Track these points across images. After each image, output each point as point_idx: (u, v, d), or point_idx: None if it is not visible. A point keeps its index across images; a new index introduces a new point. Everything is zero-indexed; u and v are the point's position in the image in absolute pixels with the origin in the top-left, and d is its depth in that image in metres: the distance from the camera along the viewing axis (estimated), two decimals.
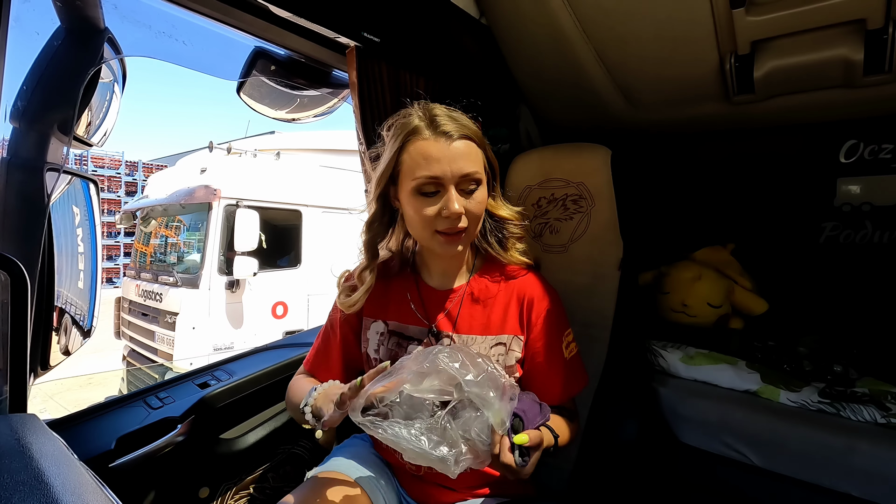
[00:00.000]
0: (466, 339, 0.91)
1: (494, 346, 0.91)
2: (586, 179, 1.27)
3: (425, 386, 0.67)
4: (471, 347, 0.89)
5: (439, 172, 0.80)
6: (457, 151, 0.81)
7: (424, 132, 0.82)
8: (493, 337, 0.91)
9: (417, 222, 0.84)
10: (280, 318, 4.95)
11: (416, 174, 0.81)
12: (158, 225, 5.23)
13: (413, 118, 0.84)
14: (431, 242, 0.85)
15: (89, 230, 1.11)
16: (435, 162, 0.80)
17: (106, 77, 1.02)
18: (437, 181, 0.80)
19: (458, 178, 0.81)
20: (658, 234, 1.81)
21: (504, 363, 0.90)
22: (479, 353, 0.79)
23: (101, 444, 0.95)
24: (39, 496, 0.40)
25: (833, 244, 1.66)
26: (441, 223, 0.82)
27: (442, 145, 0.81)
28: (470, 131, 0.84)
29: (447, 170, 0.80)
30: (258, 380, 1.22)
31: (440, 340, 0.91)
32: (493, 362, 0.76)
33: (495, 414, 0.66)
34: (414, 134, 0.82)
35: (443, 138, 0.81)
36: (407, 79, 1.27)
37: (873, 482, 1.06)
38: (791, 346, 1.50)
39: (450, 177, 0.80)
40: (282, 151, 5.30)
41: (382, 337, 0.94)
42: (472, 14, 1.36)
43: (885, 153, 1.57)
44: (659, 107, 1.53)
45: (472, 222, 0.84)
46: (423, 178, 0.80)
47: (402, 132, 0.83)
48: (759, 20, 1.13)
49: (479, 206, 0.84)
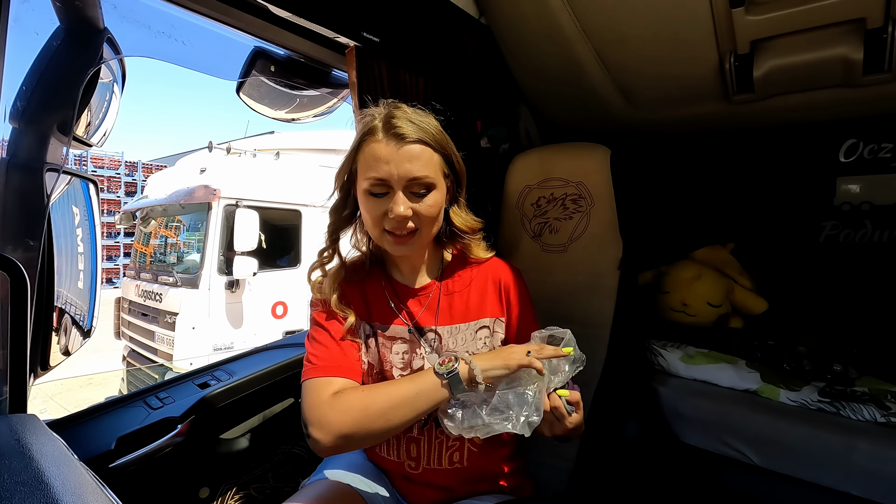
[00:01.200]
0: (450, 328, 0.92)
1: (479, 330, 0.93)
2: (586, 179, 1.27)
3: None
4: (455, 337, 0.91)
5: (385, 174, 0.80)
6: (407, 154, 0.81)
7: (378, 133, 0.82)
8: (474, 322, 0.93)
9: (368, 221, 0.85)
10: (280, 317, 4.94)
11: (367, 174, 0.82)
12: (158, 225, 5.23)
13: (374, 118, 0.84)
14: (382, 241, 0.86)
15: (89, 230, 1.11)
16: (383, 164, 0.80)
17: (105, 77, 1.02)
18: (385, 183, 0.81)
19: (405, 181, 0.81)
20: (658, 234, 1.81)
21: (491, 344, 0.93)
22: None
23: (102, 444, 0.94)
24: (40, 496, 0.40)
25: (833, 243, 1.66)
26: (389, 223, 0.82)
27: (391, 148, 0.80)
28: (427, 135, 0.83)
29: (394, 172, 0.80)
30: (258, 380, 1.22)
31: (424, 336, 0.92)
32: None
33: (544, 378, 0.79)
34: (369, 134, 0.83)
35: (394, 141, 0.81)
36: (406, 78, 1.27)
37: (873, 481, 1.06)
38: (791, 345, 1.50)
39: (396, 179, 0.80)
40: (281, 151, 5.29)
41: (368, 338, 0.93)
42: (471, 14, 1.36)
43: (885, 152, 1.57)
44: (658, 106, 1.53)
45: (424, 225, 0.84)
46: (372, 178, 0.81)
47: (361, 131, 0.85)
48: (759, 19, 1.13)
49: (430, 210, 0.84)
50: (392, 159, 0.80)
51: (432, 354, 0.91)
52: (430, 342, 0.92)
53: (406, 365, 0.91)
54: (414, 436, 0.92)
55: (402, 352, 0.91)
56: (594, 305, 1.22)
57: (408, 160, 0.81)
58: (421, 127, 0.84)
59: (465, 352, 0.86)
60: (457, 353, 0.85)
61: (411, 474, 0.93)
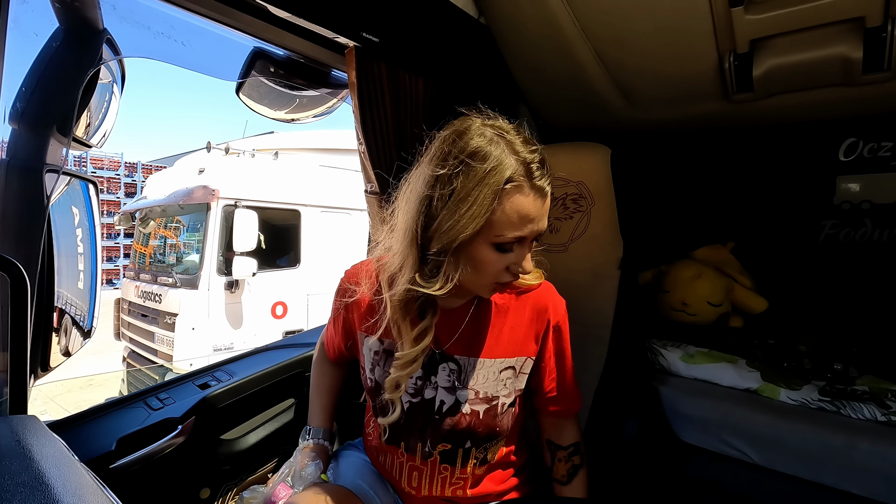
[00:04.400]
0: (473, 361, 0.83)
1: (504, 371, 0.84)
2: (586, 178, 1.27)
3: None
4: (478, 373, 0.83)
5: (528, 233, 0.71)
6: (546, 210, 0.73)
7: (524, 187, 0.70)
8: (500, 360, 0.84)
9: (482, 272, 0.73)
10: (280, 318, 4.94)
11: (506, 232, 0.70)
12: (157, 226, 5.23)
13: (506, 157, 0.69)
14: (482, 290, 0.78)
15: (89, 231, 1.11)
16: (530, 223, 0.71)
17: (105, 78, 1.02)
18: (522, 240, 0.73)
19: (535, 235, 0.74)
20: (658, 233, 1.81)
21: (514, 386, 0.86)
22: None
23: (102, 445, 0.94)
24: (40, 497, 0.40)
25: (833, 242, 1.66)
26: (505, 276, 0.75)
27: (538, 204, 0.71)
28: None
29: (535, 230, 0.72)
30: (258, 380, 1.22)
31: (443, 364, 0.84)
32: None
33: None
34: (514, 186, 0.69)
35: (539, 196, 0.71)
36: (406, 79, 1.27)
37: (873, 480, 1.06)
38: (791, 344, 1.50)
39: (533, 236, 0.73)
40: (280, 151, 5.29)
41: (377, 356, 0.87)
42: (470, 13, 1.36)
43: (885, 151, 1.57)
44: (658, 105, 1.53)
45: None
46: (514, 237, 0.71)
47: (498, 179, 0.68)
48: (758, 18, 1.13)
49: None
50: (538, 216, 0.72)
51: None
52: (450, 372, 0.84)
53: (417, 392, 0.84)
54: (416, 465, 0.87)
55: (414, 377, 0.84)
56: (595, 305, 1.22)
57: (546, 215, 0.73)
58: (548, 175, 0.74)
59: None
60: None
61: (413, 493, 0.90)
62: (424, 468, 0.87)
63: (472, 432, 0.84)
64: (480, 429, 0.84)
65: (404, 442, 0.87)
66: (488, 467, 0.89)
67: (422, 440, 0.86)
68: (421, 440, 0.86)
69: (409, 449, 0.87)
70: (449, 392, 0.84)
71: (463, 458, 0.85)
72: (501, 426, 0.86)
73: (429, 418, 0.85)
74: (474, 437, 0.85)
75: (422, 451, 0.86)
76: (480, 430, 0.84)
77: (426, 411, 0.85)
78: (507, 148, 0.71)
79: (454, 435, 0.84)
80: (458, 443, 0.85)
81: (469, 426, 0.84)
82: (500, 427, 0.86)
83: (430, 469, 0.87)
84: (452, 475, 0.87)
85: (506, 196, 0.69)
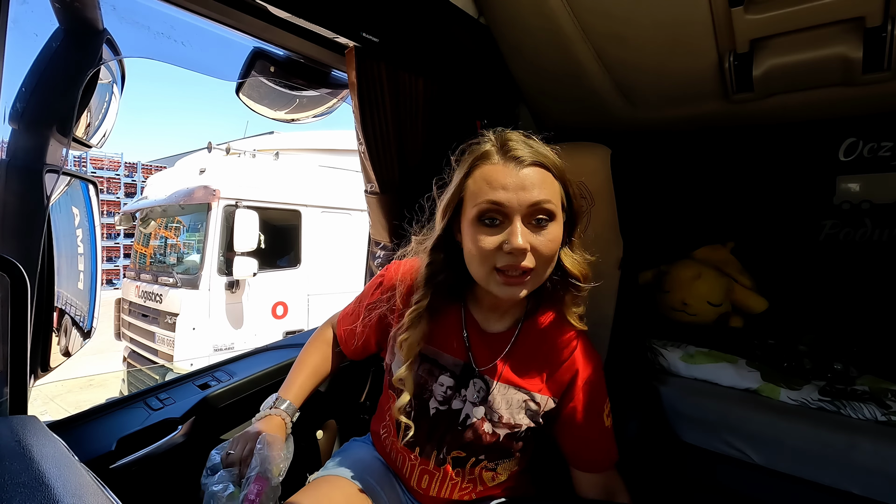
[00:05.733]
0: (503, 387, 0.84)
1: (527, 402, 0.85)
2: (586, 178, 1.27)
3: None
4: (504, 397, 0.84)
5: (504, 199, 0.70)
6: (527, 178, 0.71)
7: (493, 157, 0.74)
8: (527, 392, 0.84)
9: (475, 255, 0.74)
10: (280, 318, 4.95)
11: (478, 200, 0.72)
12: (158, 226, 5.23)
13: (484, 143, 0.78)
14: (489, 282, 0.75)
15: (89, 231, 1.11)
16: (500, 187, 0.71)
17: (105, 78, 1.02)
18: (501, 209, 0.71)
19: (525, 208, 0.71)
20: (658, 233, 1.81)
21: (533, 419, 0.85)
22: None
23: (102, 445, 0.94)
24: (40, 497, 0.40)
25: (833, 242, 1.66)
26: (502, 259, 0.72)
27: (510, 170, 0.72)
28: (548, 160, 0.75)
29: (513, 197, 0.70)
30: (259, 380, 1.22)
31: (475, 380, 0.85)
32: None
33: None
34: (482, 159, 0.75)
35: (512, 163, 0.72)
36: (406, 79, 1.27)
37: (874, 480, 1.06)
38: (791, 344, 1.50)
39: (516, 206, 0.70)
40: (281, 151, 5.29)
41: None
42: (470, 14, 1.36)
43: (885, 151, 1.57)
44: (658, 105, 1.53)
45: (540, 264, 0.73)
46: (485, 203, 0.71)
47: (471, 157, 0.77)
48: (758, 18, 1.13)
49: (549, 246, 0.73)
50: (510, 183, 0.71)
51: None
52: (480, 389, 0.84)
53: (446, 401, 0.86)
54: (428, 469, 0.89)
55: (446, 385, 0.85)
56: (595, 305, 1.21)
57: (529, 185, 0.71)
58: (540, 151, 0.76)
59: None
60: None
61: (421, 492, 0.92)
62: (436, 473, 0.88)
63: (489, 449, 0.85)
64: (497, 449, 0.86)
65: (419, 447, 0.88)
66: (494, 475, 0.90)
67: (438, 447, 0.87)
68: (437, 447, 0.87)
69: (423, 453, 0.88)
70: (475, 407, 0.84)
71: (473, 466, 0.87)
72: (518, 450, 0.87)
73: (451, 428, 0.86)
74: (489, 454, 0.86)
75: (436, 457, 0.87)
76: (497, 450, 0.86)
77: (450, 421, 0.86)
78: (488, 138, 0.79)
79: (471, 447, 0.86)
80: (473, 453, 0.86)
81: (488, 444, 0.85)
82: (516, 451, 0.87)
83: (442, 474, 0.88)
84: (463, 480, 0.88)
85: (476, 169, 0.76)
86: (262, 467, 0.76)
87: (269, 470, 0.76)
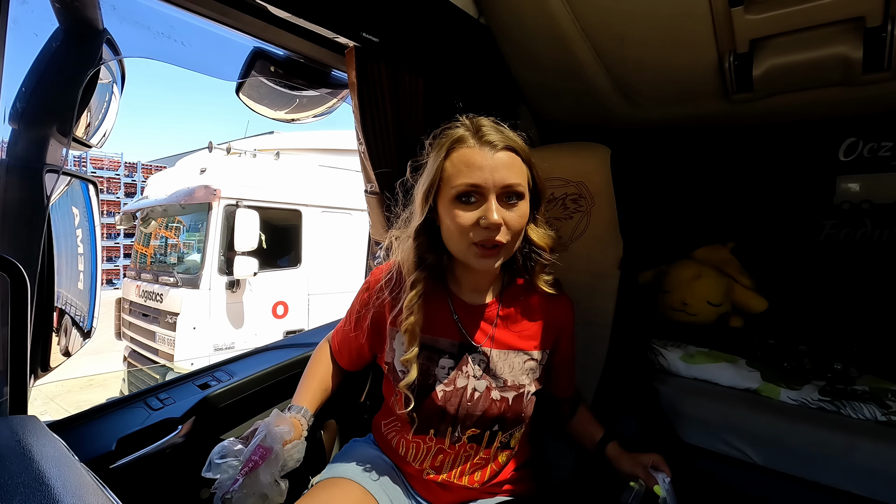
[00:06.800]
0: (501, 353, 0.92)
1: (527, 362, 0.93)
2: (586, 179, 1.27)
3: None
4: (505, 362, 0.92)
5: (480, 180, 0.78)
6: (500, 161, 0.80)
7: (469, 141, 0.82)
8: (525, 352, 0.93)
9: (454, 232, 0.82)
10: (280, 317, 4.95)
11: (457, 181, 0.80)
12: (158, 226, 5.24)
13: (459, 129, 0.84)
14: (467, 255, 0.83)
15: (89, 231, 1.11)
16: (477, 169, 0.79)
17: (105, 78, 1.02)
18: (478, 189, 0.79)
19: (499, 189, 0.79)
20: (658, 233, 1.81)
21: (533, 377, 0.94)
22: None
23: (102, 445, 0.94)
24: (40, 497, 0.40)
25: (833, 242, 1.66)
26: (478, 234, 0.80)
27: (485, 154, 0.80)
28: (516, 144, 0.83)
29: (489, 178, 0.78)
30: (259, 380, 1.22)
31: (473, 354, 0.91)
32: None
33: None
34: (458, 143, 0.82)
35: (487, 147, 0.80)
36: (406, 79, 1.27)
37: (874, 480, 1.06)
38: (791, 344, 1.50)
39: (491, 186, 0.78)
40: (281, 151, 5.30)
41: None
42: (470, 14, 1.36)
43: (885, 151, 1.57)
44: (658, 105, 1.53)
45: (511, 237, 0.82)
46: (464, 185, 0.79)
47: (447, 141, 0.83)
48: (758, 18, 1.13)
49: (520, 221, 0.82)
50: (486, 165, 0.79)
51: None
52: (479, 362, 0.91)
53: (451, 381, 0.90)
54: (444, 447, 0.92)
55: (447, 367, 0.91)
56: (595, 305, 1.22)
57: (502, 167, 0.80)
58: (509, 136, 0.84)
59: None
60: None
61: (430, 479, 0.93)
62: (452, 452, 0.92)
63: (502, 417, 0.91)
64: (510, 414, 0.91)
65: (433, 428, 0.91)
66: (509, 454, 0.96)
67: (453, 425, 0.90)
68: (452, 425, 0.90)
69: (438, 433, 0.91)
70: (479, 380, 0.90)
71: (489, 440, 0.92)
72: (527, 412, 0.93)
73: (462, 404, 0.89)
74: (503, 422, 0.91)
75: (451, 435, 0.90)
76: (510, 416, 0.91)
77: (460, 398, 0.90)
78: (462, 124, 0.85)
79: (485, 420, 0.90)
80: (487, 426, 0.91)
81: (500, 412, 0.90)
82: (525, 413, 0.93)
83: (457, 452, 0.92)
84: (476, 454, 0.92)
85: (453, 152, 0.82)
86: (268, 436, 0.80)
87: (275, 440, 0.80)
